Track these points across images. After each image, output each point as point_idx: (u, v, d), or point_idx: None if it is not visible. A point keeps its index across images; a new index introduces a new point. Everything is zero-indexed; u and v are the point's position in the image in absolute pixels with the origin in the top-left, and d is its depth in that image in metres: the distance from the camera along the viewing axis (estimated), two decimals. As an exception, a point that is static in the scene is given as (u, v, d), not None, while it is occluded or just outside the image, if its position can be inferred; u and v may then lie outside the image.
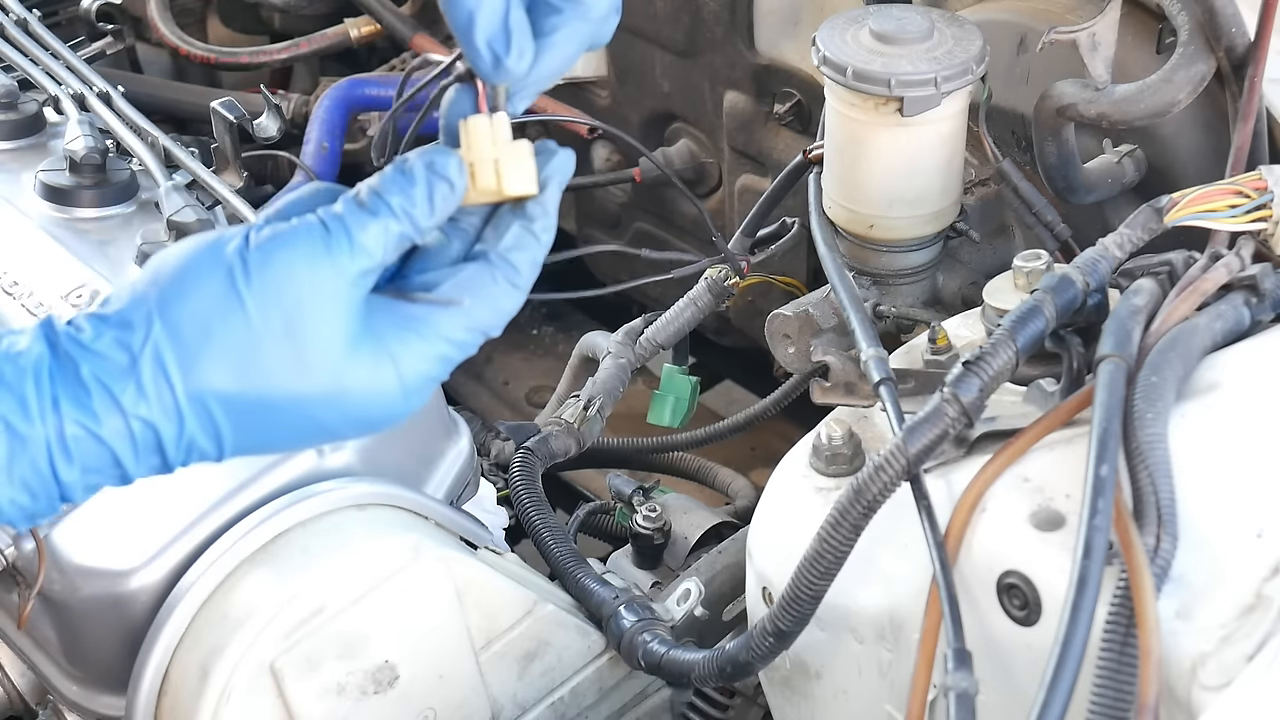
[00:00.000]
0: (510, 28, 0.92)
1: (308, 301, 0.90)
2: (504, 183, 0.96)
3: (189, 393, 0.90)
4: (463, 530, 1.33)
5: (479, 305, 0.95)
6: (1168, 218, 1.20)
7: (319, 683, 1.23)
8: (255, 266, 0.90)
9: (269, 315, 0.90)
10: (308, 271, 0.90)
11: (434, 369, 0.95)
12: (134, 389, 0.89)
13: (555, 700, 1.38)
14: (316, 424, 0.94)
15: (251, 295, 0.90)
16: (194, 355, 0.90)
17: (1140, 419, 1.04)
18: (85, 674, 1.27)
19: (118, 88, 1.65)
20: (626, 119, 2.05)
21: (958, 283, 1.54)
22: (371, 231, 0.92)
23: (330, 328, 0.91)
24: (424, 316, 0.94)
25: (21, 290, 1.41)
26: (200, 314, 0.90)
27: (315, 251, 0.91)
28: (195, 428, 0.90)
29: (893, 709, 1.18)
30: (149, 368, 0.89)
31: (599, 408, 1.57)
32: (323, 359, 0.91)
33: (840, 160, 1.48)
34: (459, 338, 0.95)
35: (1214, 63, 1.34)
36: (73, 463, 0.89)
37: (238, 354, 0.90)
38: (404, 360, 0.94)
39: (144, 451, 0.90)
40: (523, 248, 0.96)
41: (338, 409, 0.93)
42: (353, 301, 0.92)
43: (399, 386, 0.94)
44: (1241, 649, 0.96)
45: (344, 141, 2.03)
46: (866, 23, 1.42)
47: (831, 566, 1.11)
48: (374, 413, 0.94)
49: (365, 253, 0.92)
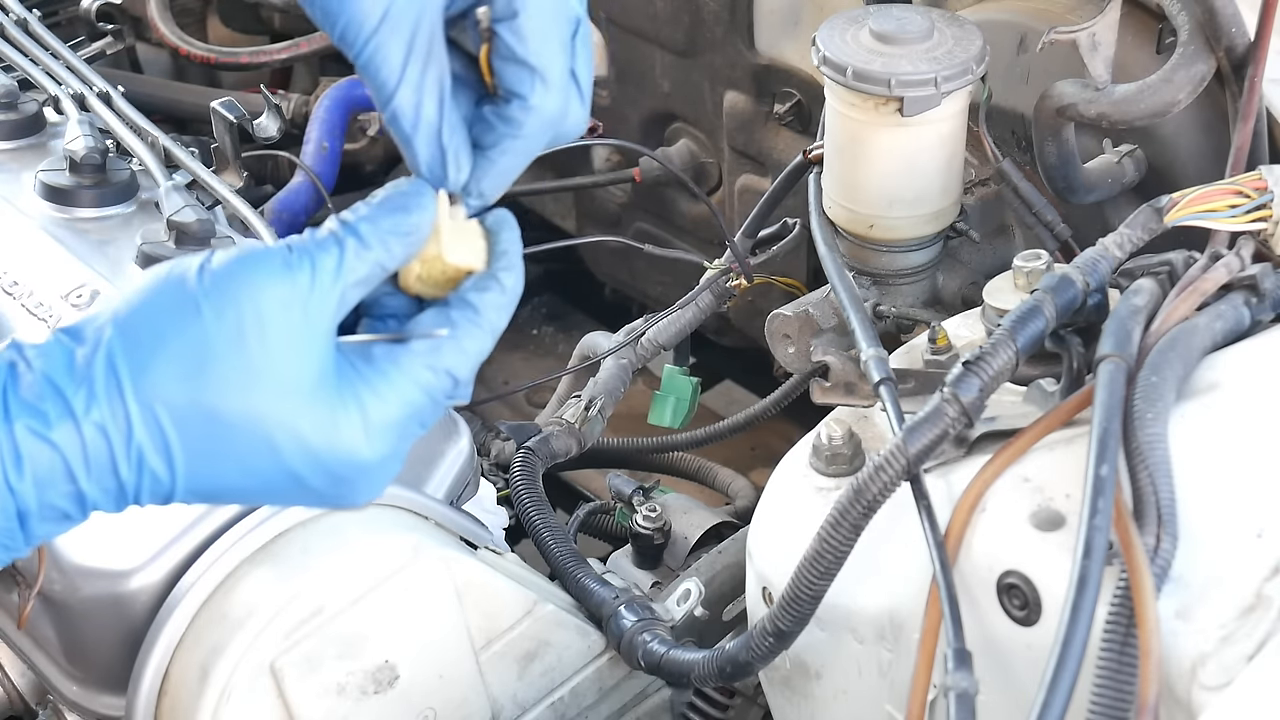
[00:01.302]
0: (444, 148, 0.95)
1: (264, 312, 0.90)
2: (446, 250, 0.96)
3: (139, 398, 0.88)
4: (463, 530, 1.33)
5: (441, 344, 0.95)
6: (1168, 218, 1.20)
7: (319, 683, 1.23)
8: (212, 277, 0.90)
9: (223, 325, 0.89)
10: (264, 283, 0.90)
11: (398, 412, 0.94)
12: (85, 392, 0.88)
13: (555, 700, 1.38)
14: (275, 457, 0.91)
15: (207, 301, 0.90)
16: (146, 359, 0.89)
17: (1140, 419, 1.04)
18: (85, 674, 1.27)
19: (118, 88, 1.65)
20: (626, 119, 2.05)
21: (958, 283, 1.54)
22: (332, 254, 0.92)
23: (286, 343, 0.90)
24: (385, 356, 0.94)
25: (21, 290, 1.41)
26: (154, 320, 0.90)
27: (273, 267, 0.91)
28: (144, 436, 0.89)
29: (893, 709, 1.18)
30: (100, 370, 0.89)
31: (600, 408, 1.57)
32: (277, 377, 0.90)
33: (840, 160, 1.48)
34: (423, 378, 0.94)
35: (1214, 63, 1.34)
36: (23, 471, 0.87)
37: (189, 360, 0.89)
38: (368, 400, 0.93)
39: (96, 463, 0.88)
40: (482, 289, 0.97)
41: (296, 441, 0.91)
42: (311, 323, 0.91)
43: (363, 428, 0.92)
44: (1241, 649, 0.96)
45: (344, 141, 2.02)
46: (866, 23, 1.42)
47: (831, 566, 1.11)
48: (339, 456, 0.92)
49: (325, 272, 0.91)
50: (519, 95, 0.96)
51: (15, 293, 1.41)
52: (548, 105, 0.96)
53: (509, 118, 0.96)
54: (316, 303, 0.91)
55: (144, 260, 1.41)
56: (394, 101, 0.95)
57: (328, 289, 0.92)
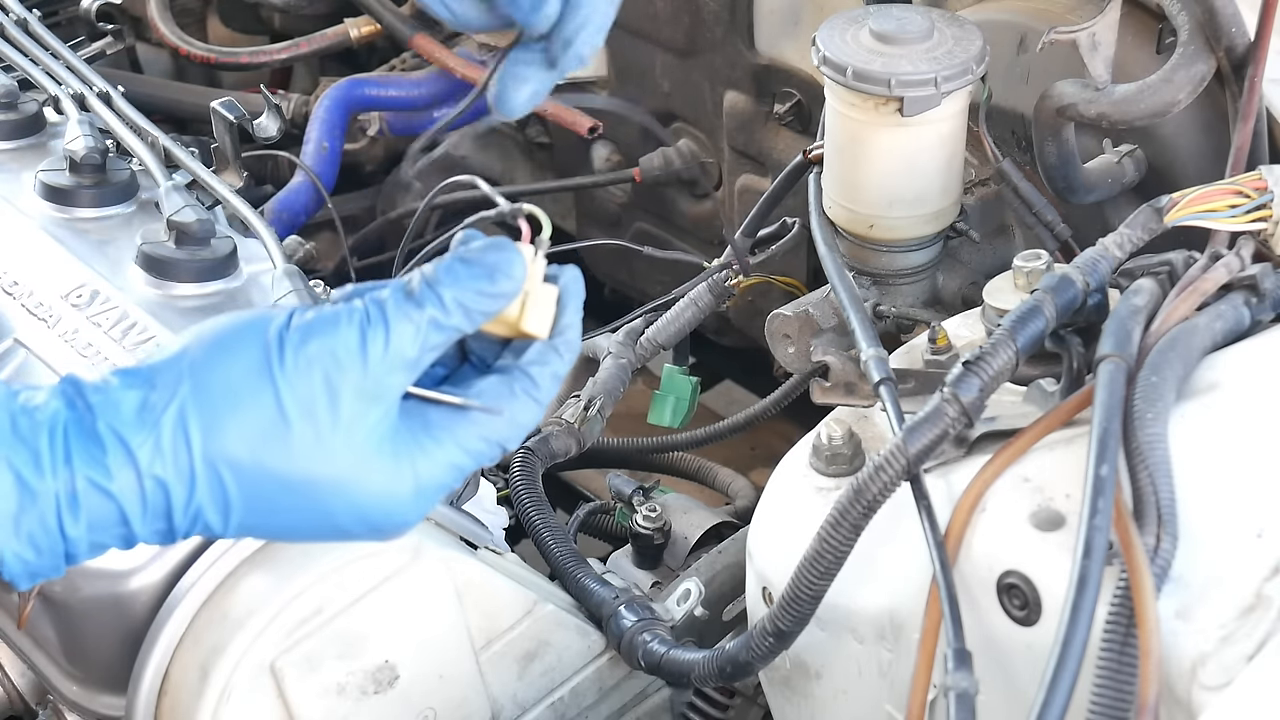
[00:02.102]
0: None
1: (337, 387, 0.91)
2: (525, 318, 0.96)
3: (206, 457, 0.90)
4: (463, 530, 1.33)
5: (496, 420, 0.95)
6: (1168, 218, 1.20)
7: (319, 683, 1.23)
8: (291, 346, 0.91)
9: (297, 395, 0.91)
10: (340, 356, 0.91)
11: (447, 476, 0.95)
12: (151, 445, 0.89)
13: (555, 700, 1.38)
14: (326, 515, 0.93)
15: (284, 374, 0.91)
16: (218, 421, 0.90)
17: (1140, 419, 1.04)
18: (85, 674, 1.27)
19: (118, 88, 1.65)
20: (627, 119, 2.05)
21: (958, 283, 1.54)
22: (409, 326, 0.92)
23: (354, 417, 0.92)
24: (443, 423, 0.95)
25: (21, 290, 1.41)
26: (230, 383, 0.90)
27: (350, 341, 0.91)
28: (206, 494, 0.90)
29: (893, 709, 1.18)
30: (170, 426, 0.89)
31: (599, 408, 1.57)
32: (343, 448, 0.92)
33: (840, 160, 1.48)
34: (475, 448, 0.95)
35: (1214, 63, 1.34)
36: (79, 519, 0.88)
37: (261, 427, 0.90)
38: (420, 464, 0.94)
39: (152, 513, 0.90)
40: (544, 363, 0.97)
41: (350, 504, 0.93)
42: (380, 396, 0.92)
43: (414, 490, 0.94)
44: (1241, 649, 0.96)
45: (344, 141, 2.03)
46: (866, 23, 1.42)
47: (831, 566, 1.11)
48: (385, 514, 0.94)
49: (399, 350, 0.92)
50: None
51: (15, 293, 1.41)
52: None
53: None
54: (388, 377, 0.92)
55: (144, 260, 1.41)
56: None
57: (400, 364, 0.92)
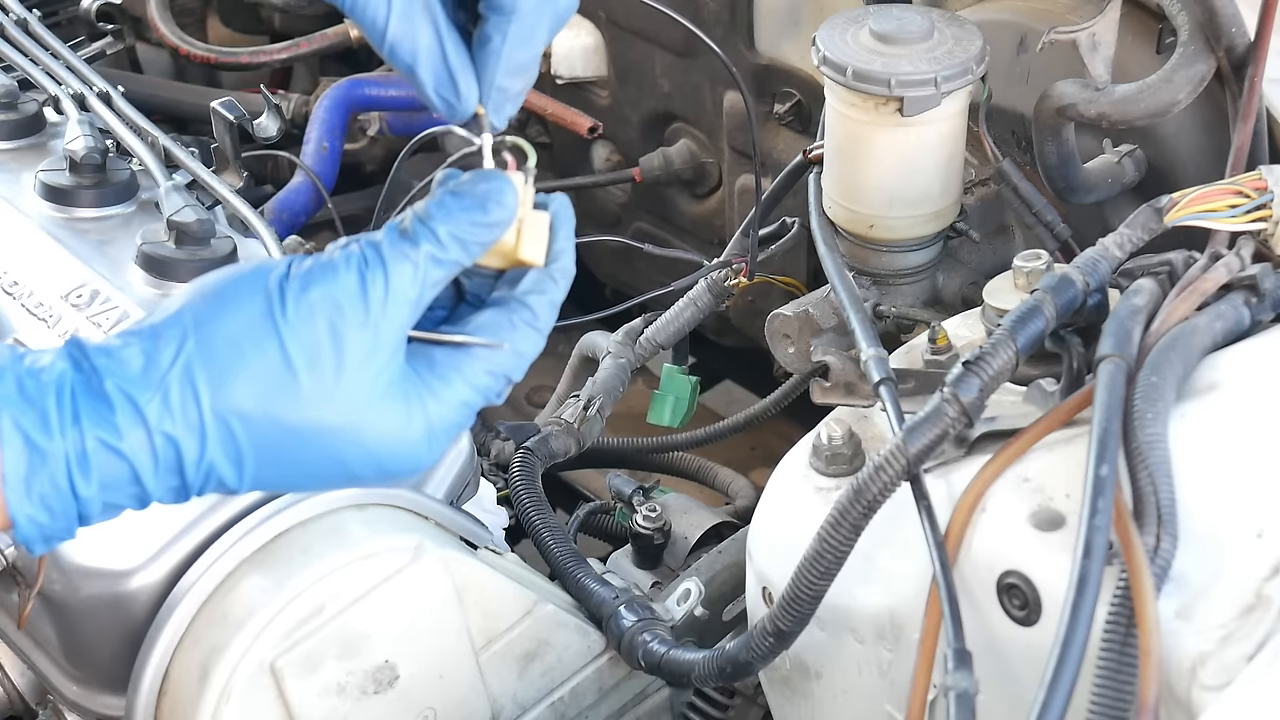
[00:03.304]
0: (451, 71, 0.94)
1: (340, 332, 0.91)
2: (522, 245, 0.97)
3: (215, 410, 0.90)
4: (463, 530, 1.33)
5: (500, 354, 0.96)
6: (1168, 218, 1.20)
7: (319, 683, 1.23)
8: (292, 295, 0.91)
9: (301, 343, 0.91)
10: (340, 302, 0.91)
11: (457, 415, 0.96)
12: (159, 402, 0.89)
13: (555, 700, 1.38)
14: (339, 462, 0.93)
15: (286, 323, 0.91)
16: (224, 374, 0.90)
17: (1140, 419, 1.04)
18: (85, 674, 1.27)
19: (118, 88, 1.65)
20: (626, 119, 2.05)
21: (958, 283, 1.54)
22: (406, 265, 0.92)
23: (360, 361, 0.92)
24: (448, 362, 0.95)
25: (21, 290, 1.41)
26: (234, 335, 0.91)
27: (350, 285, 0.92)
28: (217, 448, 0.90)
29: (893, 709, 1.18)
30: (177, 382, 0.89)
31: (599, 408, 1.57)
32: (351, 393, 0.92)
33: (840, 160, 1.48)
34: (482, 383, 0.96)
35: (1214, 63, 1.34)
36: (90, 479, 0.88)
37: (267, 378, 0.90)
38: (430, 405, 0.94)
39: (164, 469, 0.90)
40: (541, 291, 0.98)
41: (362, 449, 0.93)
42: (385, 339, 0.92)
43: (425, 432, 0.94)
44: (1241, 649, 0.96)
45: (344, 141, 2.03)
46: (866, 23, 1.42)
47: (831, 566, 1.11)
48: (398, 457, 0.94)
49: (400, 288, 0.92)
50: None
51: (15, 293, 1.41)
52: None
53: (500, 6, 0.94)
54: (391, 318, 0.92)
55: (144, 260, 1.41)
56: (389, 36, 0.94)
57: (401, 304, 0.93)
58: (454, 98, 0.95)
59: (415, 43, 0.94)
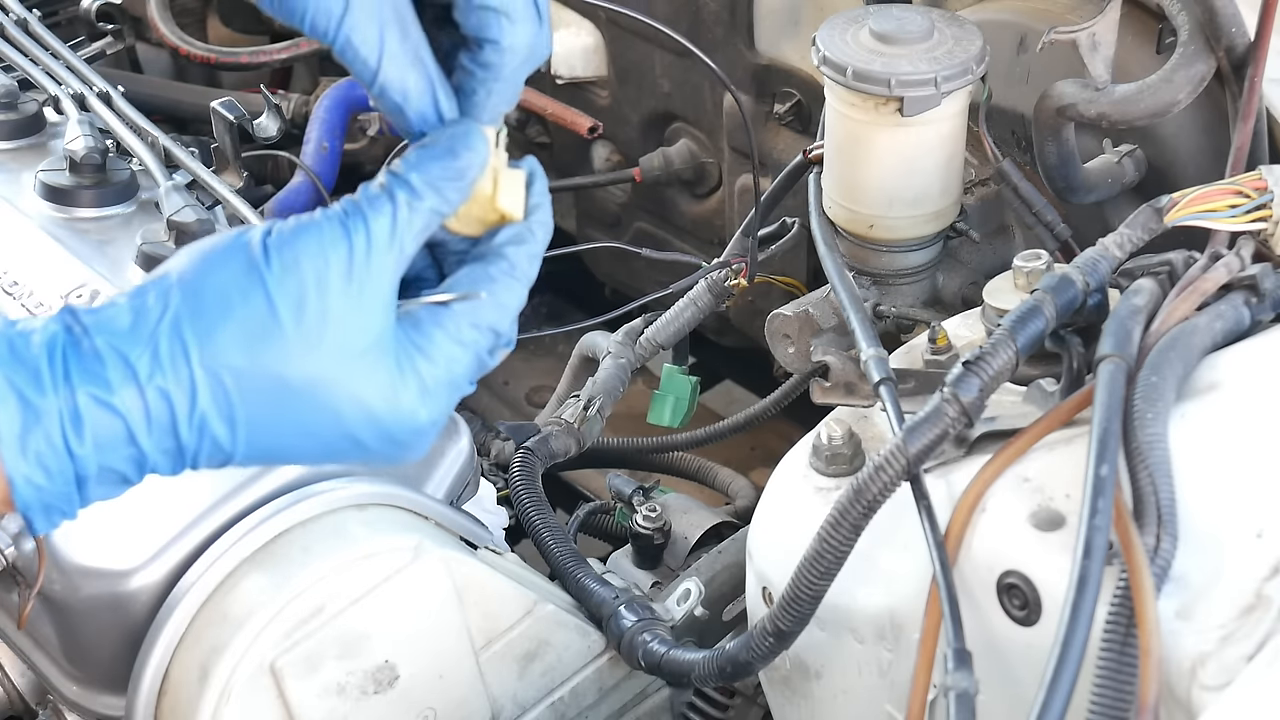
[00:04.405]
0: (440, 113, 0.96)
1: (325, 279, 0.91)
2: (499, 195, 0.97)
3: (205, 364, 0.90)
4: (463, 530, 1.33)
5: (482, 304, 0.96)
6: (1168, 218, 1.20)
7: (319, 683, 1.23)
8: (275, 249, 0.92)
9: (287, 293, 0.91)
10: (324, 250, 0.91)
11: (447, 374, 0.95)
12: (149, 356, 0.89)
13: (555, 700, 1.38)
14: (334, 417, 0.93)
15: (271, 274, 0.91)
16: (211, 327, 0.90)
17: (1140, 419, 1.04)
18: (85, 674, 1.27)
19: (118, 88, 1.65)
20: (626, 119, 2.05)
21: (958, 283, 1.54)
22: (385, 213, 0.93)
23: (347, 309, 0.92)
24: (430, 319, 0.95)
25: (21, 290, 1.41)
26: (220, 289, 0.91)
27: (333, 234, 0.92)
28: (209, 402, 0.90)
29: (893, 709, 1.18)
30: (166, 336, 0.90)
31: (599, 408, 1.57)
32: (340, 343, 0.92)
33: (840, 160, 1.48)
34: (466, 336, 0.96)
35: (1214, 63, 1.34)
36: (84, 436, 0.88)
37: (254, 328, 0.90)
38: (420, 363, 0.94)
39: (157, 427, 0.89)
40: (518, 242, 0.98)
41: (356, 402, 0.93)
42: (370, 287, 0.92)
43: (418, 387, 0.94)
44: (1241, 649, 0.96)
45: (344, 141, 2.03)
46: (866, 23, 1.42)
47: (831, 566, 1.11)
48: (395, 413, 0.94)
49: (380, 234, 0.92)
50: (490, 40, 0.95)
51: (15, 293, 1.41)
52: (519, 41, 0.96)
53: (486, 63, 0.96)
54: (375, 266, 0.92)
55: (144, 260, 1.41)
56: (379, 79, 0.95)
57: (384, 250, 0.93)
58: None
59: (405, 86, 0.95)
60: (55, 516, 0.91)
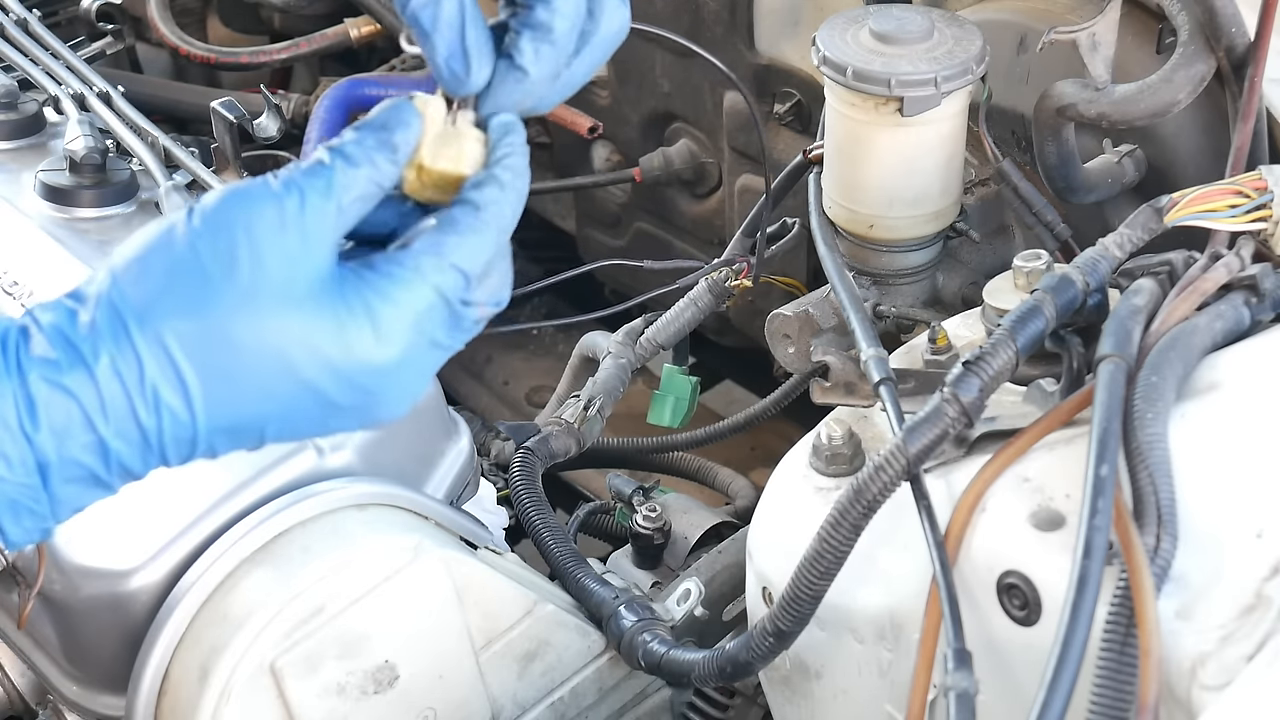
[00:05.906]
0: (466, 47, 0.94)
1: (256, 234, 0.90)
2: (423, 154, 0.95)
3: (145, 332, 0.89)
4: (463, 530, 1.33)
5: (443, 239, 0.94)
6: (1168, 218, 1.20)
7: (319, 683, 1.23)
8: (201, 213, 0.91)
9: (216, 249, 0.90)
10: (253, 208, 0.90)
11: (409, 311, 0.93)
12: (90, 334, 0.89)
13: (555, 700, 1.38)
14: (288, 368, 0.91)
15: (198, 235, 0.90)
16: (145, 294, 0.90)
17: (1140, 419, 1.04)
18: (85, 674, 1.27)
19: (118, 88, 1.65)
20: (627, 119, 2.05)
21: (958, 283, 1.54)
22: (320, 175, 0.92)
23: (281, 260, 0.90)
24: (387, 258, 0.93)
25: (21, 290, 1.41)
26: (149, 261, 0.91)
27: (262, 194, 0.91)
28: (156, 371, 0.89)
29: (893, 709, 1.18)
30: (104, 316, 0.89)
31: (599, 408, 1.57)
32: (276, 289, 0.90)
33: (840, 160, 1.48)
34: (429, 275, 0.93)
35: (1214, 63, 1.34)
36: (39, 420, 0.88)
37: (189, 290, 0.90)
38: (373, 302, 0.92)
39: (113, 409, 0.89)
40: (481, 186, 0.95)
41: (307, 347, 0.91)
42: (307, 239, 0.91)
43: (370, 329, 0.92)
44: (1241, 649, 0.96)
45: (344, 141, 2.02)
46: (866, 23, 1.42)
47: (831, 566, 1.11)
48: (351, 356, 0.91)
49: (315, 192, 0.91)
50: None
51: (15, 293, 1.41)
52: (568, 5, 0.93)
53: (534, 23, 0.94)
54: (311, 220, 0.91)
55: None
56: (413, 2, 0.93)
57: (319, 206, 0.91)
58: (463, 73, 0.94)
59: (439, 9, 0.93)
60: (24, 518, 0.90)
